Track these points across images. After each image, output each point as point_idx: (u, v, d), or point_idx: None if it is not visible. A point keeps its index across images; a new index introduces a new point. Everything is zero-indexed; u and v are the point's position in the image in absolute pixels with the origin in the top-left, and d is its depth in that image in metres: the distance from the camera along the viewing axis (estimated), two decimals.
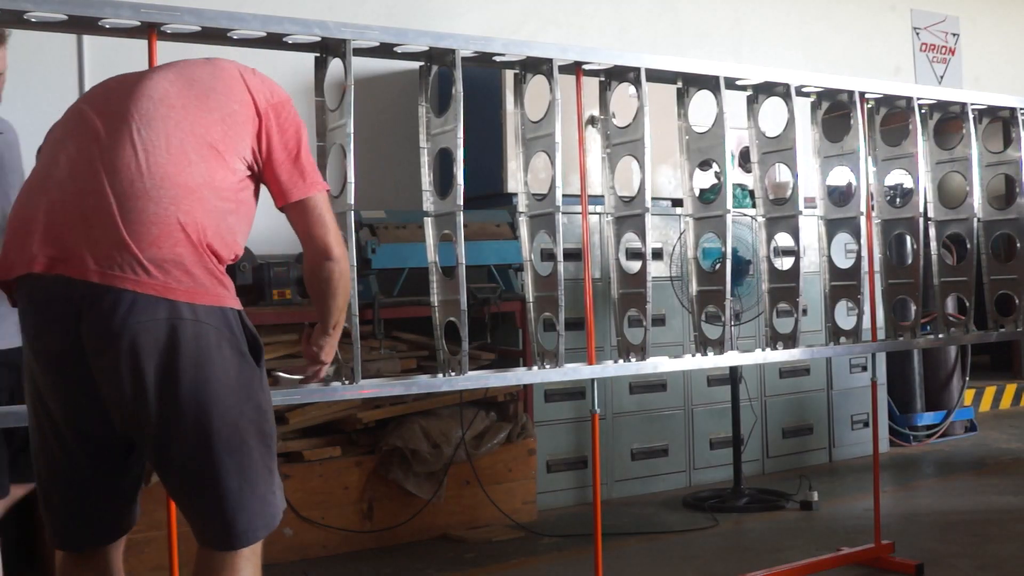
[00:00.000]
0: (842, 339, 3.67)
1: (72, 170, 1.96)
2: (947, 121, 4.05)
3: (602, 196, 3.28)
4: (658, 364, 3.34)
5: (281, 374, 2.53)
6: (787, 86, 3.44)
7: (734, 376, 5.03)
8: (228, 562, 1.98)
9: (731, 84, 3.37)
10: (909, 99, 3.76)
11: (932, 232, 3.95)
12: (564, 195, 3.04)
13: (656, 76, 3.25)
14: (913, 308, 3.84)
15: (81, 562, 2.08)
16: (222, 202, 2.01)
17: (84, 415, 1.96)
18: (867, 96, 3.70)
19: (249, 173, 2.10)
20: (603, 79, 3.25)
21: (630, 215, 3.18)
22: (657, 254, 5.14)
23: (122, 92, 2.05)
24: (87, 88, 4.51)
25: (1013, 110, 4.04)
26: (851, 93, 3.64)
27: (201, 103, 2.05)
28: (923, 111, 3.92)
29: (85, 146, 1.98)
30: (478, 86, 4.74)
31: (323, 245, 2.18)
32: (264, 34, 2.59)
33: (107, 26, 2.43)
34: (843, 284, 3.64)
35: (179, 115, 2.01)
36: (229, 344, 1.96)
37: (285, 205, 2.16)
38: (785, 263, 3.55)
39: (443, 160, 3.01)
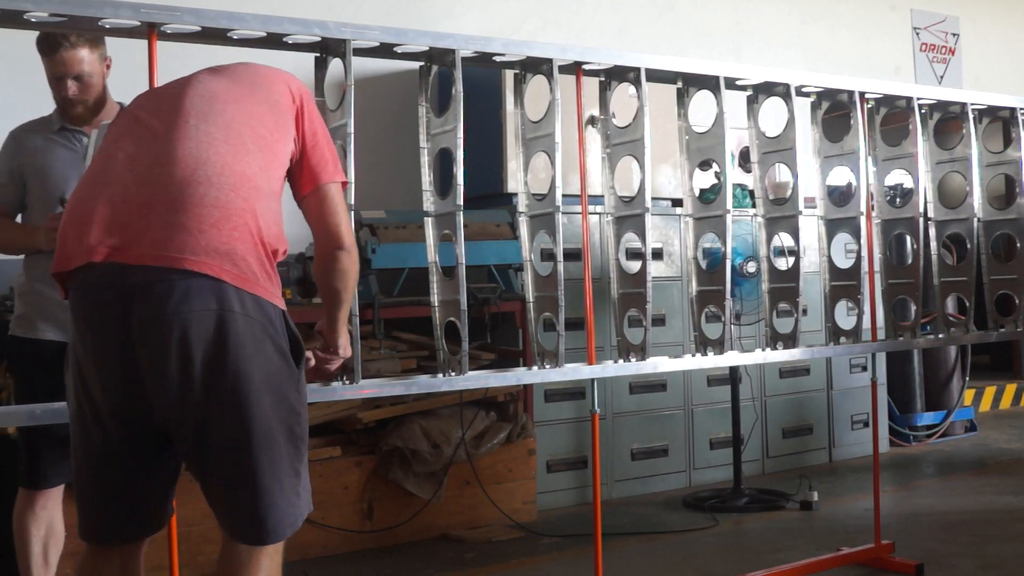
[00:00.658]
0: (842, 339, 3.67)
1: (131, 164, 2.00)
2: (947, 121, 4.05)
3: (602, 196, 3.28)
4: (658, 364, 3.34)
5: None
6: (787, 86, 3.44)
7: (734, 376, 5.03)
8: (253, 557, 2.01)
9: (731, 84, 3.37)
10: (909, 99, 3.76)
11: (932, 232, 3.95)
12: (564, 195, 3.04)
13: (656, 76, 3.25)
14: (913, 308, 3.84)
15: (106, 557, 2.09)
16: (272, 191, 2.08)
17: (128, 404, 1.97)
18: (867, 96, 3.70)
19: (290, 163, 2.18)
20: (603, 79, 3.25)
21: (630, 215, 3.18)
22: (657, 254, 5.15)
23: (172, 94, 2.12)
24: None
25: (1013, 110, 4.04)
26: (851, 93, 3.64)
27: (249, 96, 2.14)
28: (923, 111, 3.92)
29: (143, 142, 2.03)
30: (478, 86, 4.74)
31: (337, 234, 2.23)
32: (264, 34, 2.59)
33: (107, 26, 2.43)
34: (843, 284, 3.64)
35: (233, 108, 2.09)
36: (272, 342, 1.99)
37: (308, 192, 2.22)
38: (786, 263, 3.55)
39: (443, 160, 3.01)
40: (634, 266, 3.21)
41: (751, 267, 4.41)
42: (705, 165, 3.58)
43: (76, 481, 2.08)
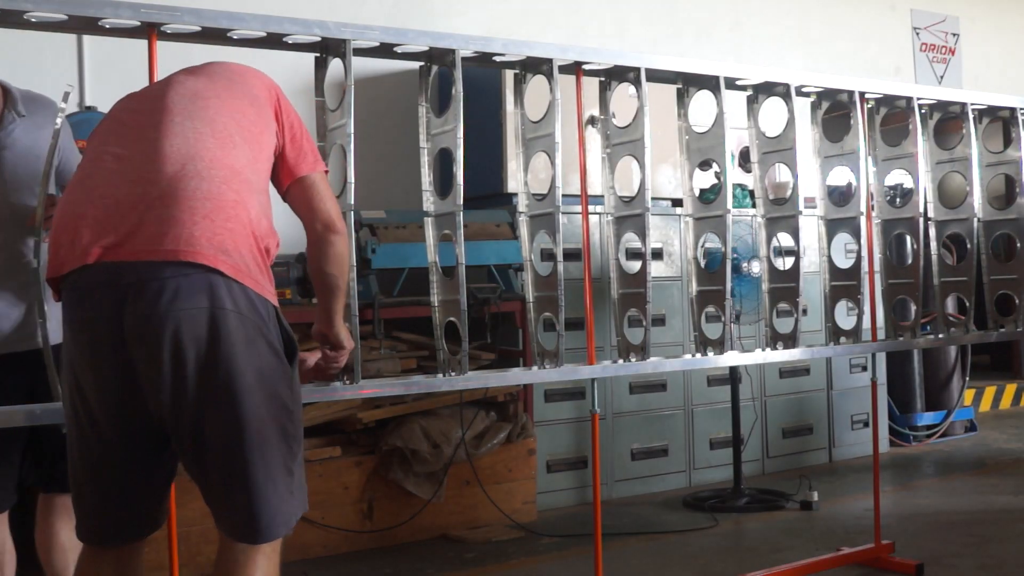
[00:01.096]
0: (842, 339, 3.67)
1: (119, 165, 2.00)
2: (947, 121, 4.05)
3: (602, 196, 3.28)
4: (658, 364, 3.34)
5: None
6: (787, 86, 3.44)
7: (734, 376, 5.03)
8: (250, 557, 2.01)
9: (731, 84, 3.37)
10: (909, 99, 3.76)
11: (932, 232, 3.95)
12: (564, 195, 3.04)
13: (656, 76, 3.25)
14: (913, 308, 3.84)
15: (105, 558, 2.09)
16: (260, 185, 2.09)
17: (121, 403, 1.97)
18: (867, 96, 3.70)
19: (275, 155, 2.21)
20: (603, 79, 3.25)
21: (630, 215, 3.18)
22: (657, 254, 5.15)
23: (153, 95, 2.13)
24: (87, 88, 4.56)
25: (1013, 110, 4.03)
26: (851, 93, 3.64)
27: (229, 91, 2.15)
28: (923, 111, 3.91)
29: (130, 143, 2.03)
30: (478, 86, 4.74)
31: (329, 218, 2.27)
32: (264, 34, 2.59)
33: (107, 26, 2.43)
34: (843, 284, 3.64)
35: (216, 104, 2.10)
36: (265, 340, 1.99)
37: (292, 183, 2.26)
38: (785, 263, 3.55)
39: (443, 160, 3.01)
40: (634, 266, 3.21)
41: (755, 267, 4.41)
42: (705, 165, 3.58)
43: (74, 483, 2.08)
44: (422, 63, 2.95)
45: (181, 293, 1.89)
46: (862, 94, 3.65)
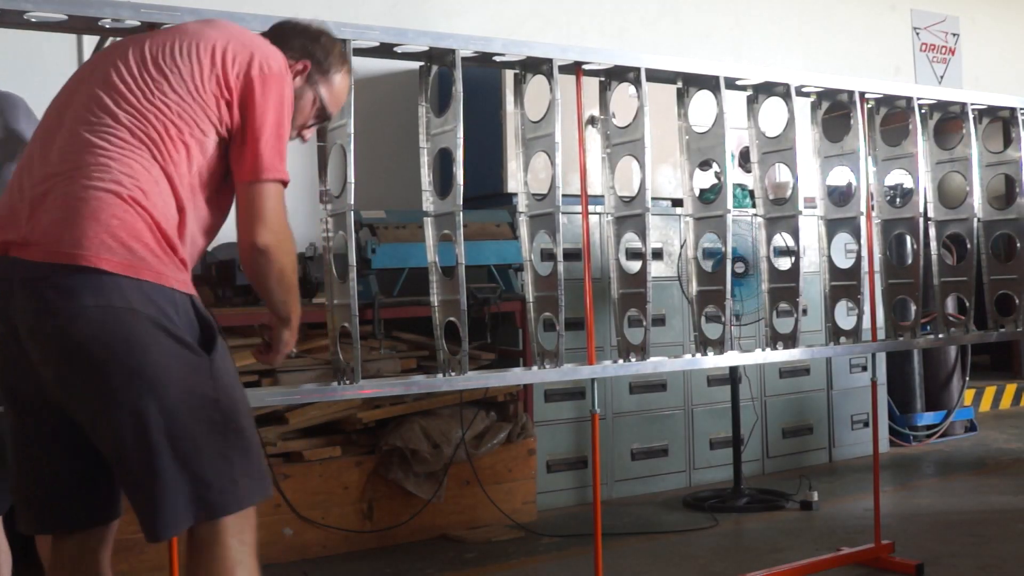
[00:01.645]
0: (842, 339, 3.67)
1: (28, 162, 2.00)
2: (947, 121, 4.05)
3: (602, 196, 3.28)
4: (658, 364, 3.34)
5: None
6: (787, 86, 3.44)
7: (734, 376, 5.03)
8: (215, 545, 1.98)
9: (731, 84, 3.37)
10: (909, 99, 3.76)
11: (932, 232, 3.95)
12: (564, 195, 3.04)
13: (656, 76, 3.25)
14: (913, 308, 3.84)
15: (60, 545, 2.10)
16: (177, 173, 1.97)
17: (29, 396, 1.98)
18: (867, 96, 3.70)
19: (220, 137, 2.03)
20: (603, 79, 3.25)
21: (630, 215, 3.18)
22: (657, 254, 5.15)
23: (69, 87, 2.08)
24: None
25: (1013, 110, 4.04)
26: (851, 93, 3.64)
27: (162, 73, 2.00)
28: (923, 111, 3.91)
29: (46, 135, 2.02)
30: (478, 86, 4.74)
31: (249, 234, 2.05)
32: None
33: (107, 26, 2.43)
34: (843, 284, 3.64)
35: (134, 89, 1.98)
36: (167, 333, 1.90)
37: (238, 183, 2.07)
38: (785, 263, 3.55)
39: (443, 160, 3.01)
40: (634, 266, 3.21)
41: (739, 268, 4.43)
42: (705, 165, 3.58)
43: (10, 474, 2.09)
44: (422, 63, 2.95)
45: (65, 294, 1.84)
46: (862, 94, 3.66)
